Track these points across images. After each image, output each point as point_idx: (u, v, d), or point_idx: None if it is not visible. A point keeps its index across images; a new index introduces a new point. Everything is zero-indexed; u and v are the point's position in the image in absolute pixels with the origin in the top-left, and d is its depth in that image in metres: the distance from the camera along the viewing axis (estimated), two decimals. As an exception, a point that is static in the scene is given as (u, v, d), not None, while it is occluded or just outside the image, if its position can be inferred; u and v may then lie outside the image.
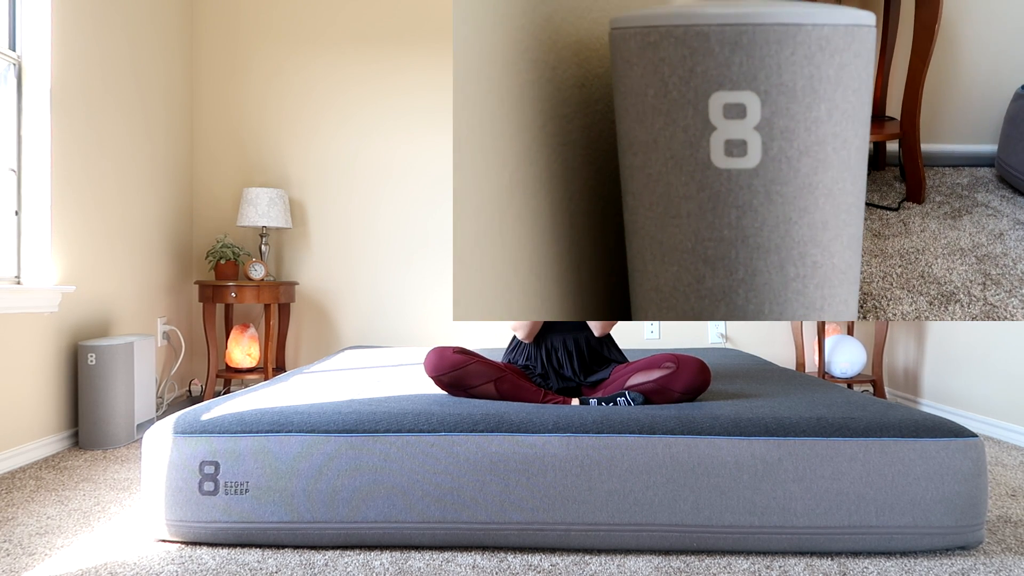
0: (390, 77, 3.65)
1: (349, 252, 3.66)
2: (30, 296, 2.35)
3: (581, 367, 1.98)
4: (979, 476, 1.55)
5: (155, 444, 1.62)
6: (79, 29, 2.66)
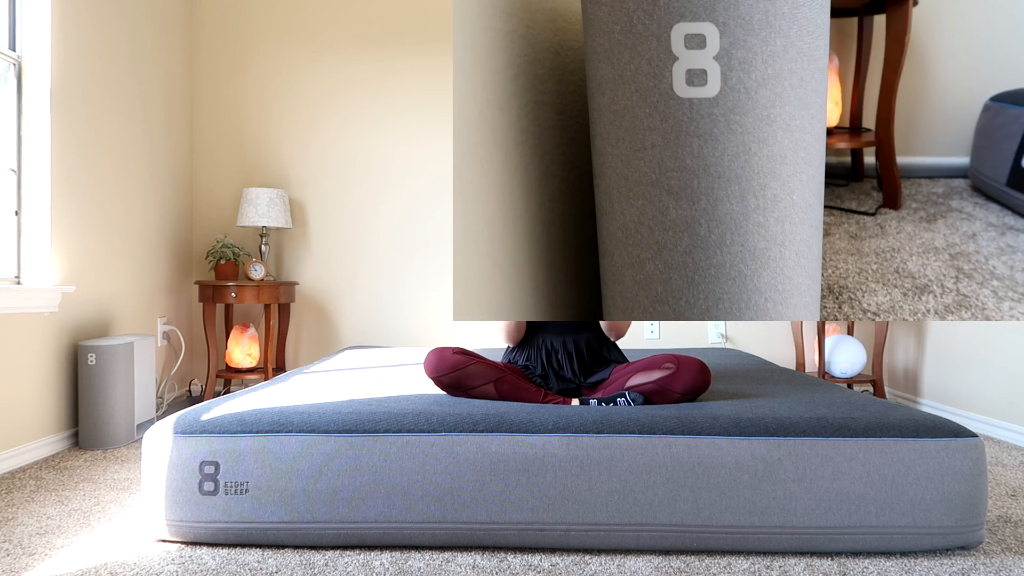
0: (390, 77, 3.65)
1: (349, 252, 3.66)
2: (30, 296, 2.35)
3: (581, 368, 1.98)
4: (979, 476, 1.55)
5: (155, 444, 1.62)
6: (79, 29, 2.66)
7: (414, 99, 3.65)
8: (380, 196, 3.66)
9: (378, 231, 3.66)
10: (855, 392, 1.99)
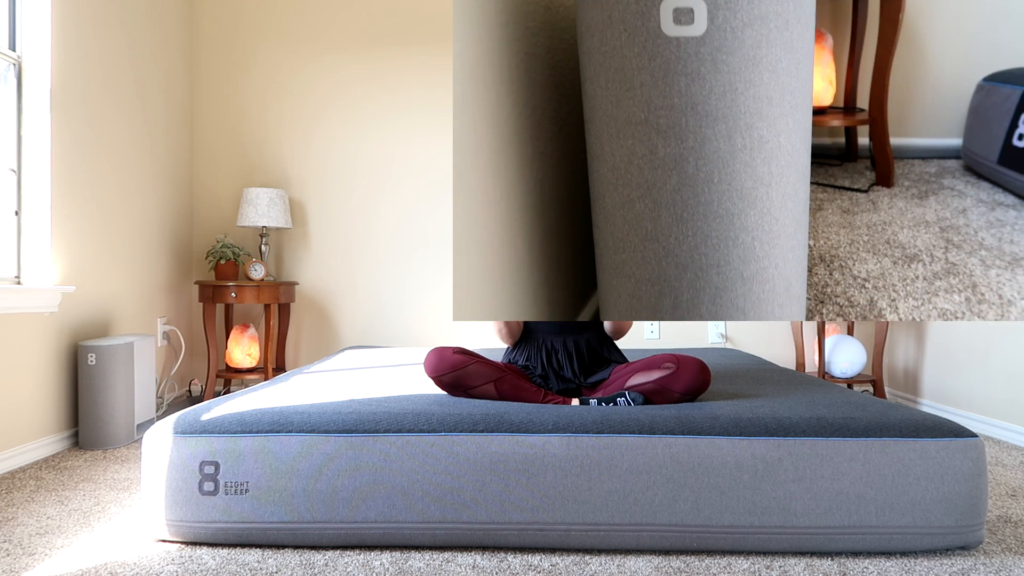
0: (390, 77, 3.65)
1: (349, 252, 3.66)
2: (30, 296, 2.35)
3: (581, 368, 1.98)
4: (979, 476, 1.55)
5: (155, 444, 1.62)
6: (79, 29, 2.66)
7: (414, 99, 3.65)
8: (380, 196, 3.66)
9: (378, 231, 3.66)
10: (855, 392, 1.99)
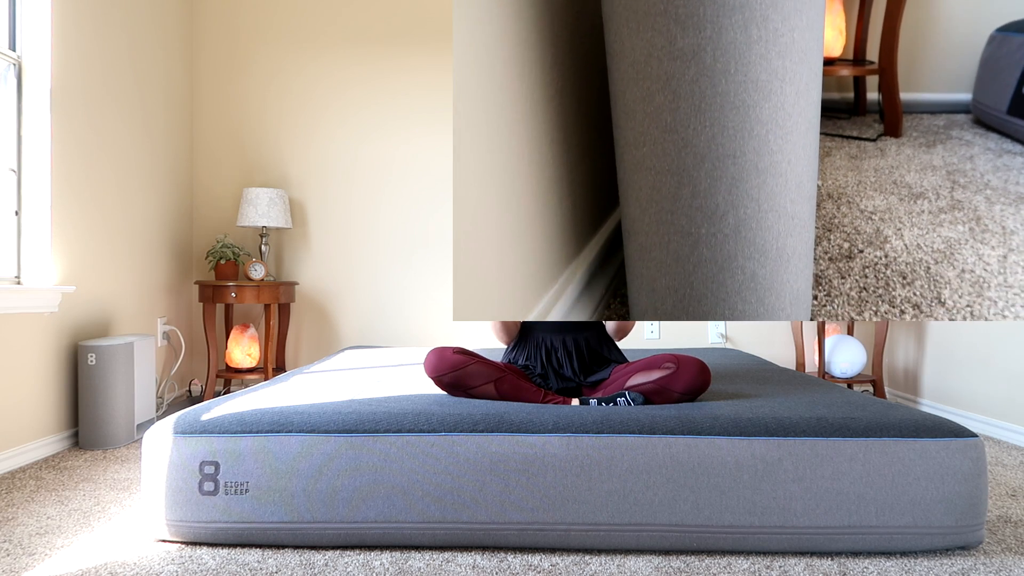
0: (390, 78, 3.65)
1: (349, 252, 3.66)
2: (30, 296, 2.35)
3: (581, 367, 1.98)
4: (979, 476, 1.55)
5: (155, 444, 1.62)
6: (79, 29, 2.66)
7: (414, 99, 3.65)
8: (380, 196, 3.66)
9: (378, 231, 3.66)
10: (855, 392, 1.99)
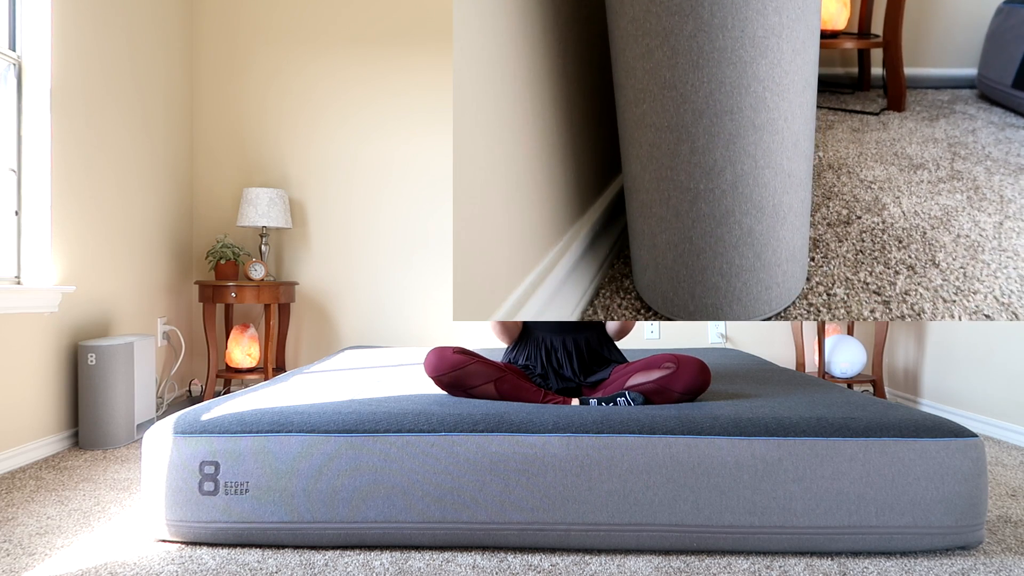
0: (390, 77, 3.65)
1: (349, 252, 3.66)
2: (30, 296, 2.35)
3: (581, 367, 1.98)
4: (979, 476, 1.55)
5: (155, 444, 1.62)
6: (79, 29, 2.66)
7: (414, 99, 3.65)
8: (380, 196, 3.66)
9: (378, 231, 3.66)
10: (855, 392, 1.99)
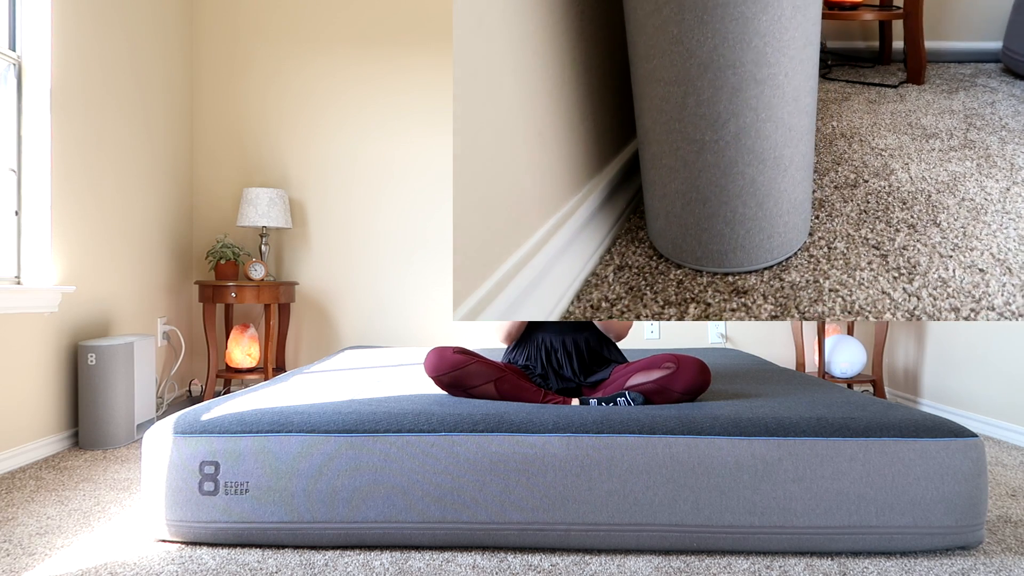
0: (390, 77, 3.65)
1: (349, 252, 3.66)
2: (30, 296, 2.35)
3: (581, 367, 1.98)
4: (979, 476, 1.55)
5: (155, 444, 1.62)
6: (79, 29, 2.66)
7: (414, 99, 3.65)
8: (380, 196, 3.66)
9: (378, 231, 3.66)
10: (855, 392, 1.99)
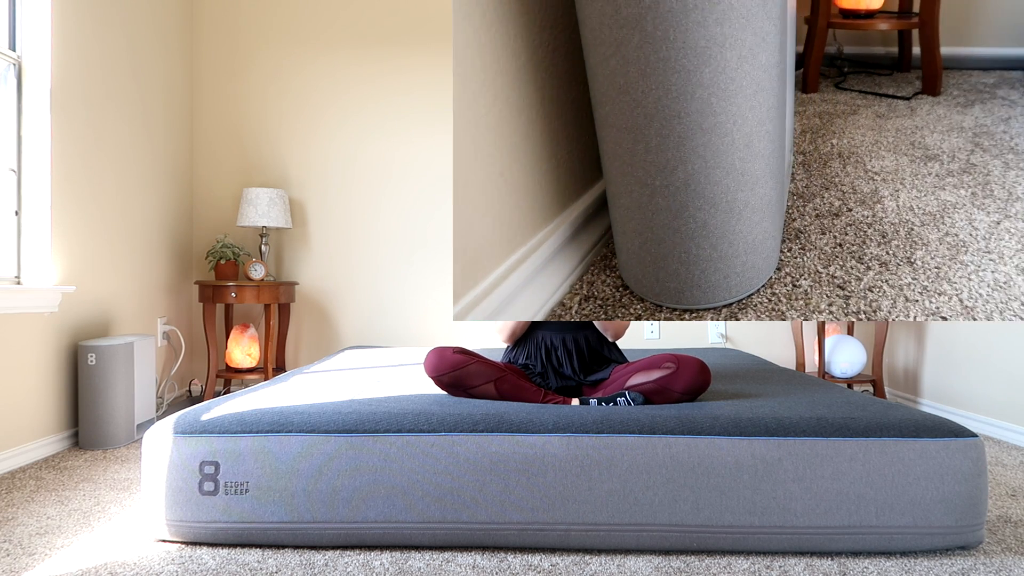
0: (390, 77, 3.65)
1: (349, 252, 3.66)
2: (30, 296, 2.35)
3: (581, 366, 1.98)
4: (979, 476, 1.55)
5: (155, 444, 1.62)
6: (79, 29, 2.66)
7: (414, 99, 3.65)
8: (380, 196, 3.66)
9: (378, 231, 3.66)
10: (855, 392, 1.99)
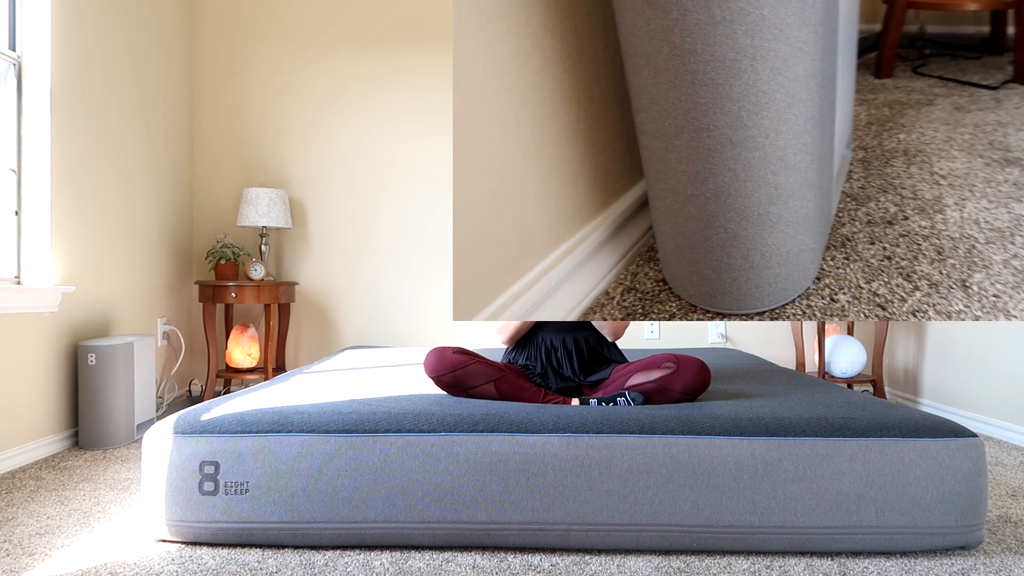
0: (390, 77, 3.65)
1: (349, 252, 3.66)
2: (30, 296, 2.35)
3: (581, 367, 1.98)
4: (979, 476, 1.55)
5: (155, 444, 1.62)
6: (79, 29, 2.66)
7: (414, 99, 3.65)
8: (380, 196, 3.66)
9: (378, 231, 3.66)
10: (855, 392, 1.99)
